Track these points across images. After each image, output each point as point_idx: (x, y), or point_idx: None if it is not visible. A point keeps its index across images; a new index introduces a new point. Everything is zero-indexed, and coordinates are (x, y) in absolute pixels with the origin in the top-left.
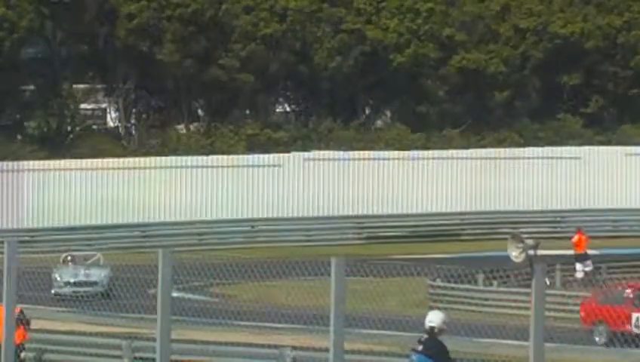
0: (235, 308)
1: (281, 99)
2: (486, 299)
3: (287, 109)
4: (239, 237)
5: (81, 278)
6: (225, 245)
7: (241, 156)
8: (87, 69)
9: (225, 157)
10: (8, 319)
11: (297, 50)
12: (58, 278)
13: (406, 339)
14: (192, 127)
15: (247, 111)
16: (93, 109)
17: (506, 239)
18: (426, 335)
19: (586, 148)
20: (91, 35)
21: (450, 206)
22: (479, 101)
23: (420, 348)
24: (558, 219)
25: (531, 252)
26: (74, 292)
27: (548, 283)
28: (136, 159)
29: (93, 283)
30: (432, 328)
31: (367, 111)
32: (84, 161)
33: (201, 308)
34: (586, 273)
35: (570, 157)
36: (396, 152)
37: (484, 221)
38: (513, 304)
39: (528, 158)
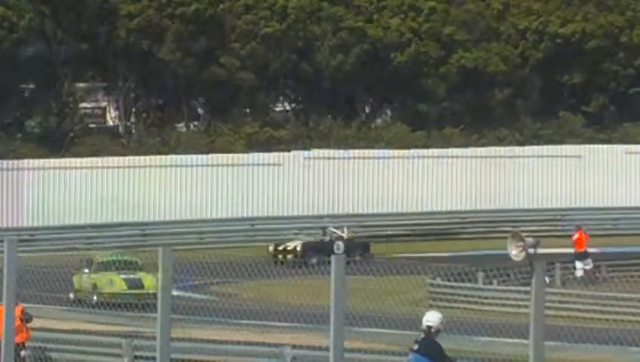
0: (235, 307)
1: (281, 98)
2: (486, 298)
3: (288, 108)
4: (239, 236)
5: None
6: (225, 244)
7: (241, 155)
8: (87, 68)
9: (225, 155)
10: (8, 318)
11: (298, 49)
12: None
13: (406, 338)
14: (192, 125)
15: (247, 110)
16: (93, 108)
17: (506, 238)
18: (422, 335)
19: (586, 146)
20: (91, 34)
21: (451, 204)
22: (479, 100)
23: (416, 347)
24: (559, 217)
25: (531, 250)
26: None
27: (548, 281)
28: (136, 158)
29: None
30: (429, 327)
31: (367, 110)
32: (84, 159)
33: (201, 307)
34: (586, 271)
35: (571, 156)
36: (396, 151)
37: (484, 219)
38: (513, 302)
39: (529, 157)
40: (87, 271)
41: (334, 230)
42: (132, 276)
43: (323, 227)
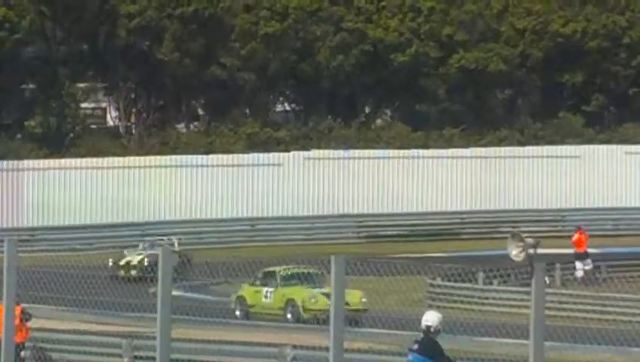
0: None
1: (281, 98)
2: (486, 298)
3: (288, 108)
4: (239, 236)
5: None
6: (225, 244)
7: (241, 155)
8: (88, 68)
9: (225, 156)
10: (8, 318)
11: (298, 49)
12: None
13: (405, 338)
14: (192, 126)
15: (247, 110)
16: (93, 108)
17: (506, 238)
18: (422, 335)
19: (586, 146)
20: (91, 34)
21: (450, 205)
22: (479, 100)
23: (416, 347)
24: (559, 218)
25: (531, 251)
26: None
27: (548, 282)
28: (136, 158)
29: None
30: (428, 327)
31: (367, 110)
32: (84, 160)
33: (201, 307)
34: (585, 272)
35: (570, 156)
36: (396, 151)
37: (484, 220)
38: (513, 303)
39: (528, 157)
40: (257, 282)
41: (161, 238)
42: (326, 291)
43: (150, 240)
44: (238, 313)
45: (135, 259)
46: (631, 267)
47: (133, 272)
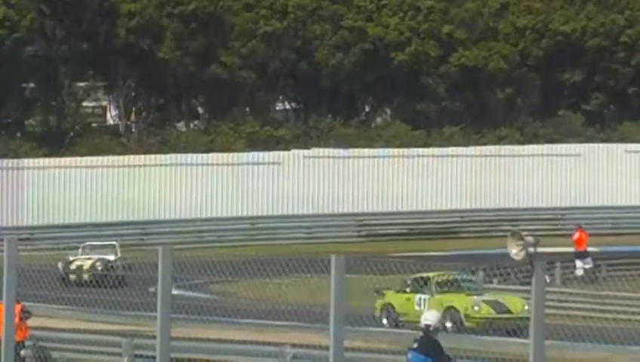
0: (234, 306)
1: (281, 97)
2: None
3: (288, 107)
4: (239, 235)
5: None
6: (224, 243)
7: (240, 154)
8: (88, 67)
9: (225, 154)
10: (8, 317)
11: (298, 48)
12: None
13: (405, 337)
14: (192, 124)
15: (247, 109)
16: (93, 107)
17: (505, 237)
18: (421, 334)
19: (586, 145)
20: (92, 33)
21: (451, 203)
22: (479, 98)
23: (416, 345)
24: (559, 216)
25: (531, 249)
26: None
27: (548, 280)
28: (136, 157)
29: None
30: (427, 326)
31: (367, 109)
32: (84, 158)
33: (201, 306)
34: (586, 270)
35: (570, 155)
36: (396, 150)
37: (484, 218)
38: None
39: (528, 156)
40: (406, 289)
41: (91, 244)
42: (490, 298)
43: (91, 244)
44: (385, 321)
45: (86, 264)
46: (631, 265)
47: (86, 276)
